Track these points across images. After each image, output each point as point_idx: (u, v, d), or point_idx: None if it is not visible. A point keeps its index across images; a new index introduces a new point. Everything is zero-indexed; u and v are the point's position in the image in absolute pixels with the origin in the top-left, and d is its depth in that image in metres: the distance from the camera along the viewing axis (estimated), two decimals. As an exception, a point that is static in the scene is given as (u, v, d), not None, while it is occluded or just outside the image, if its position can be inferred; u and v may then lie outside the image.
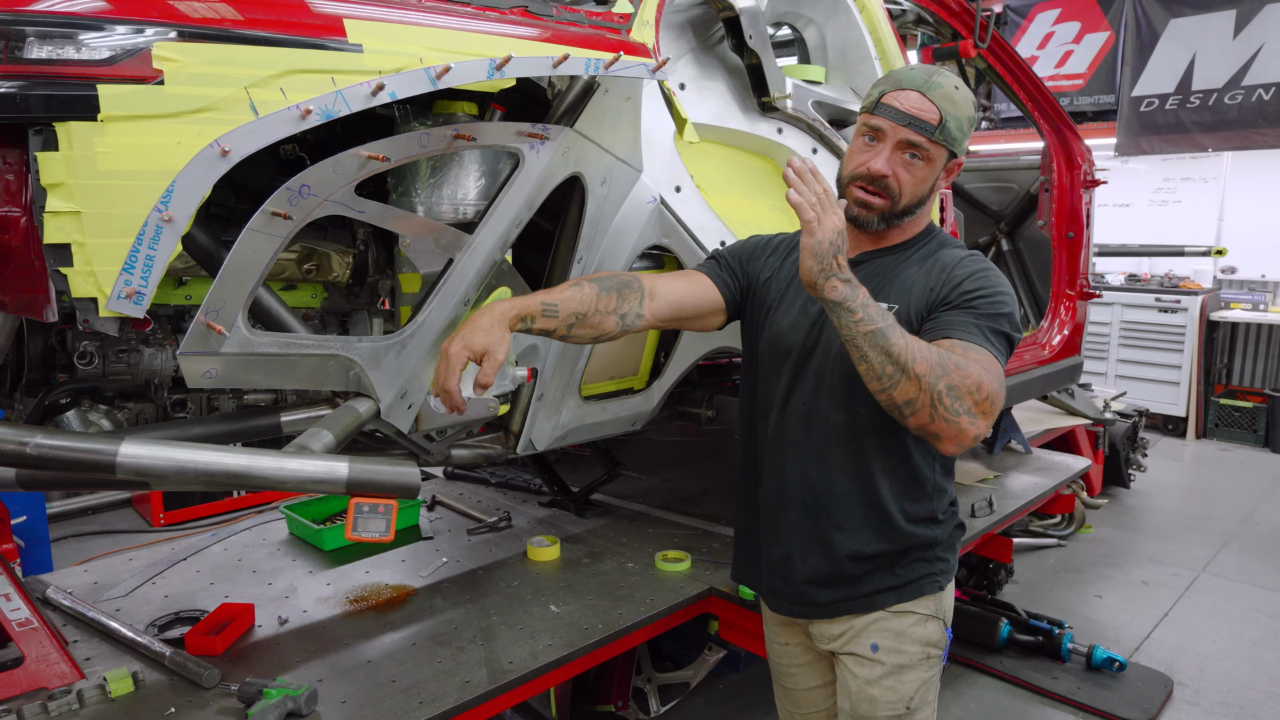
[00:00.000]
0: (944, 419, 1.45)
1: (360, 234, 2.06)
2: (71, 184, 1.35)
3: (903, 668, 1.77)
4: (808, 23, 3.10)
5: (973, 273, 1.67)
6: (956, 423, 1.45)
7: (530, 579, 2.65)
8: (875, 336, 1.45)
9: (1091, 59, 8.29)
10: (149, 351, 1.87)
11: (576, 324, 1.71)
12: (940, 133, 1.64)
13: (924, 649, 1.78)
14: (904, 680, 1.77)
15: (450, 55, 1.64)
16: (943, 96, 1.64)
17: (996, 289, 1.64)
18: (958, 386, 1.44)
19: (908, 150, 1.65)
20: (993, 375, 1.49)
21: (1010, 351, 1.61)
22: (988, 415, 1.47)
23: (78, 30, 1.35)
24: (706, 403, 3.09)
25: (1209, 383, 7.57)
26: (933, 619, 1.79)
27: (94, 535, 4.80)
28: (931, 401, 1.44)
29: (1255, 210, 7.58)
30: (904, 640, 1.77)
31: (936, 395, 1.43)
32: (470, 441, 2.36)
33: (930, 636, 1.79)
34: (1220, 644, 3.84)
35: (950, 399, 1.44)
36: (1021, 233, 4.88)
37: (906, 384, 1.44)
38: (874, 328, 1.45)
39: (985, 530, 3.27)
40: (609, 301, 1.74)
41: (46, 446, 1.46)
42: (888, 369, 1.44)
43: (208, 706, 1.93)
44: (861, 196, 1.69)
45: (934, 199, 1.79)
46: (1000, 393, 1.50)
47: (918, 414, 1.46)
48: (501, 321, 1.61)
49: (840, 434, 1.73)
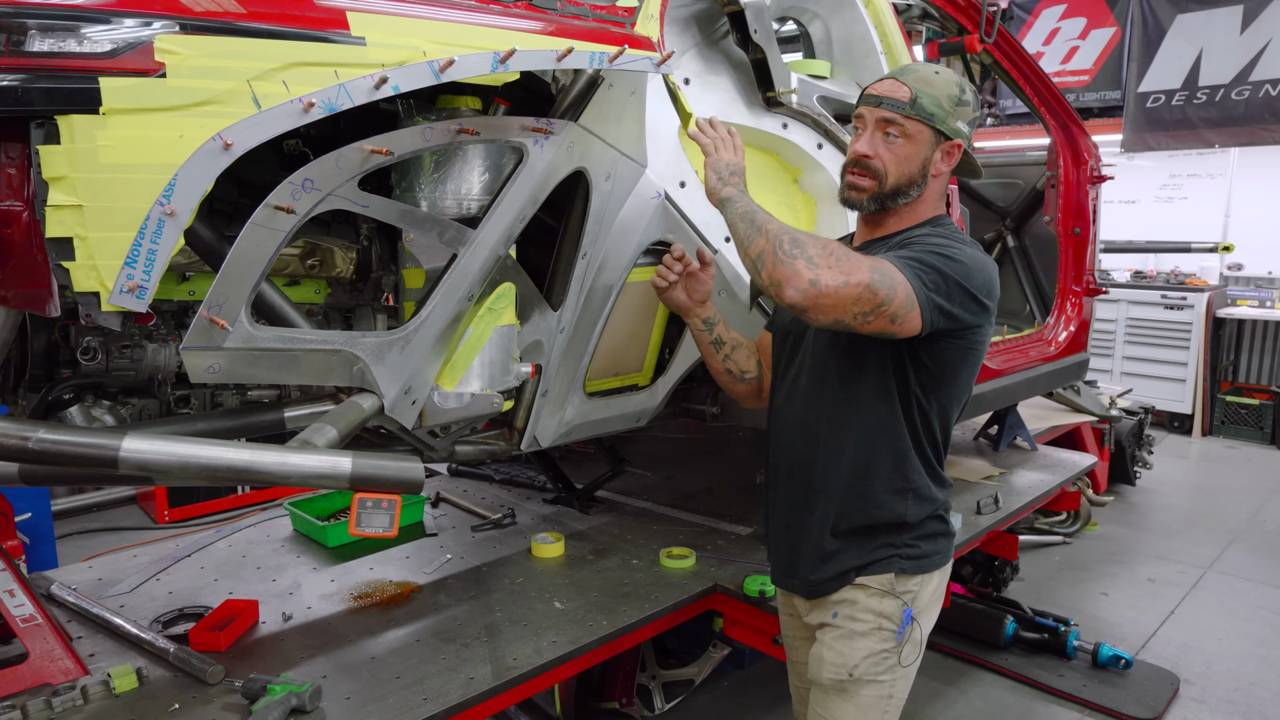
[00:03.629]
0: (782, 263, 1.58)
1: (364, 229, 2.06)
2: (73, 177, 1.34)
3: (853, 634, 1.80)
4: (813, 17, 3.08)
5: (933, 233, 1.75)
6: (792, 264, 1.57)
7: (534, 576, 2.65)
8: (747, 215, 1.69)
9: (1097, 55, 8.26)
10: (152, 347, 1.86)
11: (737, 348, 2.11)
12: (913, 107, 1.71)
13: (876, 619, 1.79)
14: (852, 646, 1.80)
15: (454, 49, 1.64)
16: (917, 79, 1.74)
17: (939, 245, 1.67)
18: (804, 242, 1.60)
19: (886, 129, 1.74)
20: (871, 264, 1.58)
21: (941, 282, 1.61)
22: (835, 270, 1.56)
23: (79, 23, 1.35)
24: (711, 399, 3.08)
25: (1215, 380, 7.54)
26: (890, 596, 1.79)
27: (99, 532, 4.81)
28: (774, 249, 1.60)
29: (1262, 206, 7.55)
30: (858, 609, 1.80)
31: (778, 243, 1.60)
32: (474, 438, 2.35)
33: (884, 609, 1.79)
34: (1227, 641, 3.82)
35: (791, 247, 1.59)
36: (1027, 229, 4.86)
37: (759, 239, 1.63)
38: (746, 209, 1.71)
39: (990, 527, 3.25)
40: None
41: (49, 441, 1.45)
42: (749, 233, 1.66)
43: (212, 703, 1.92)
44: (850, 179, 1.79)
45: (934, 186, 1.80)
46: (875, 279, 1.56)
47: (765, 264, 1.60)
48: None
49: (826, 408, 1.81)
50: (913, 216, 1.81)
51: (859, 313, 1.57)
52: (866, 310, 1.57)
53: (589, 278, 2.26)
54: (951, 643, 3.66)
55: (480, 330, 2.01)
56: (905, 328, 1.61)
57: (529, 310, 2.19)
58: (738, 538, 2.96)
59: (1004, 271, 4.94)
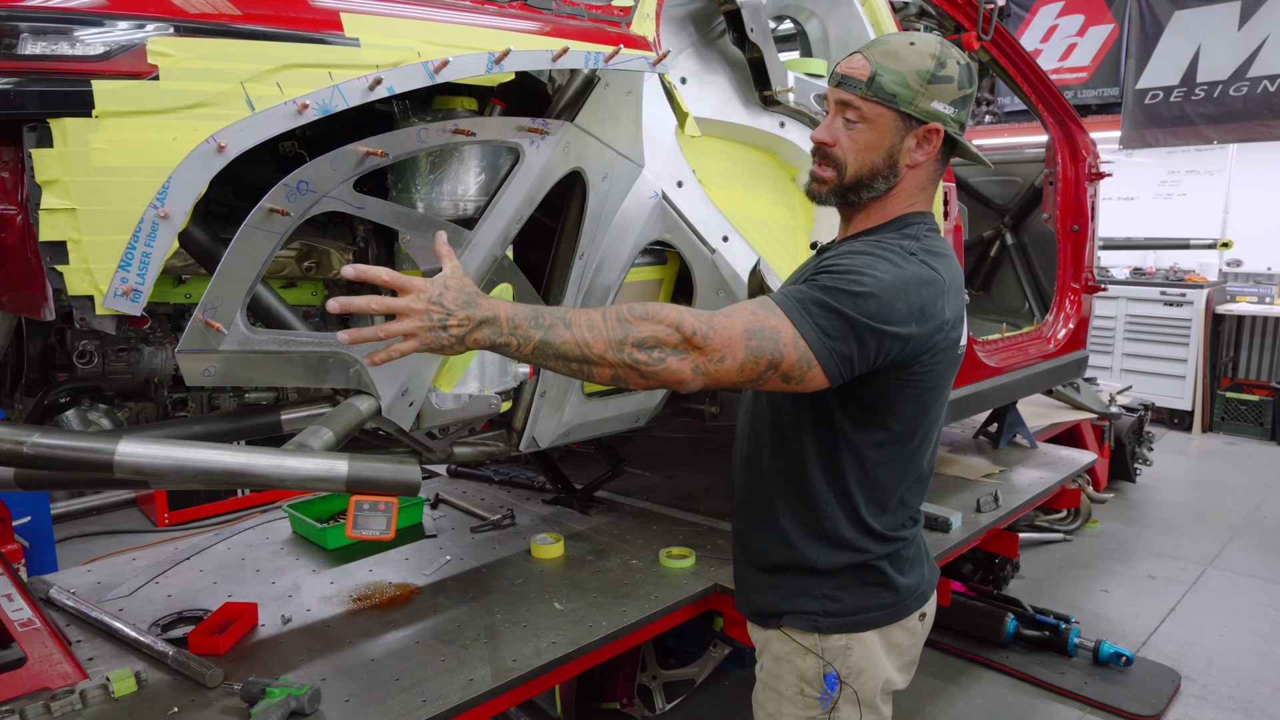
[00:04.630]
0: (652, 373, 1.37)
1: (360, 231, 2.05)
2: (66, 181, 1.34)
3: (780, 695, 1.68)
4: (810, 16, 3.08)
5: (845, 252, 1.52)
6: (665, 369, 1.36)
7: (534, 576, 2.64)
8: (542, 349, 1.35)
9: (1095, 52, 8.26)
10: (148, 350, 1.86)
11: None
12: (870, 87, 1.49)
13: (797, 683, 1.65)
14: (781, 711, 1.68)
15: (448, 49, 1.63)
16: (882, 52, 1.51)
17: (853, 268, 1.44)
18: (646, 339, 1.35)
19: (844, 113, 1.54)
20: (747, 326, 1.37)
21: (844, 328, 1.39)
22: (704, 349, 1.36)
23: (72, 25, 1.34)
24: (710, 399, 3.07)
25: (1215, 376, 7.54)
26: (811, 654, 1.64)
27: (99, 535, 4.80)
28: (629, 365, 1.36)
29: (1261, 202, 7.55)
30: (781, 665, 1.68)
31: (629, 359, 1.35)
32: (473, 439, 2.35)
33: (805, 672, 1.64)
34: (1228, 638, 3.82)
35: (643, 353, 1.35)
36: (1026, 226, 4.86)
37: (599, 368, 1.36)
38: (535, 343, 1.34)
39: (991, 525, 3.25)
40: None
41: (44, 445, 1.45)
42: (573, 367, 1.37)
43: (211, 706, 1.92)
44: (813, 170, 1.61)
45: (910, 179, 1.57)
46: (752, 346, 1.37)
47: (632, 382, 1.39)
48: None
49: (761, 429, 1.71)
50: (881, 214, 1.60)
51: (750, 379, 1.40)
52: (754, 377, 1.40)
53: (586, 278, 2.26)
54: (952, 641, 3.66)
55: (477, 331, 2.01)
56: (808, 385, 1.42)
57: (526, 311, 2.19)
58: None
59: (1003, 269, 4.94)
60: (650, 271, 2.52)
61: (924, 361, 1.50)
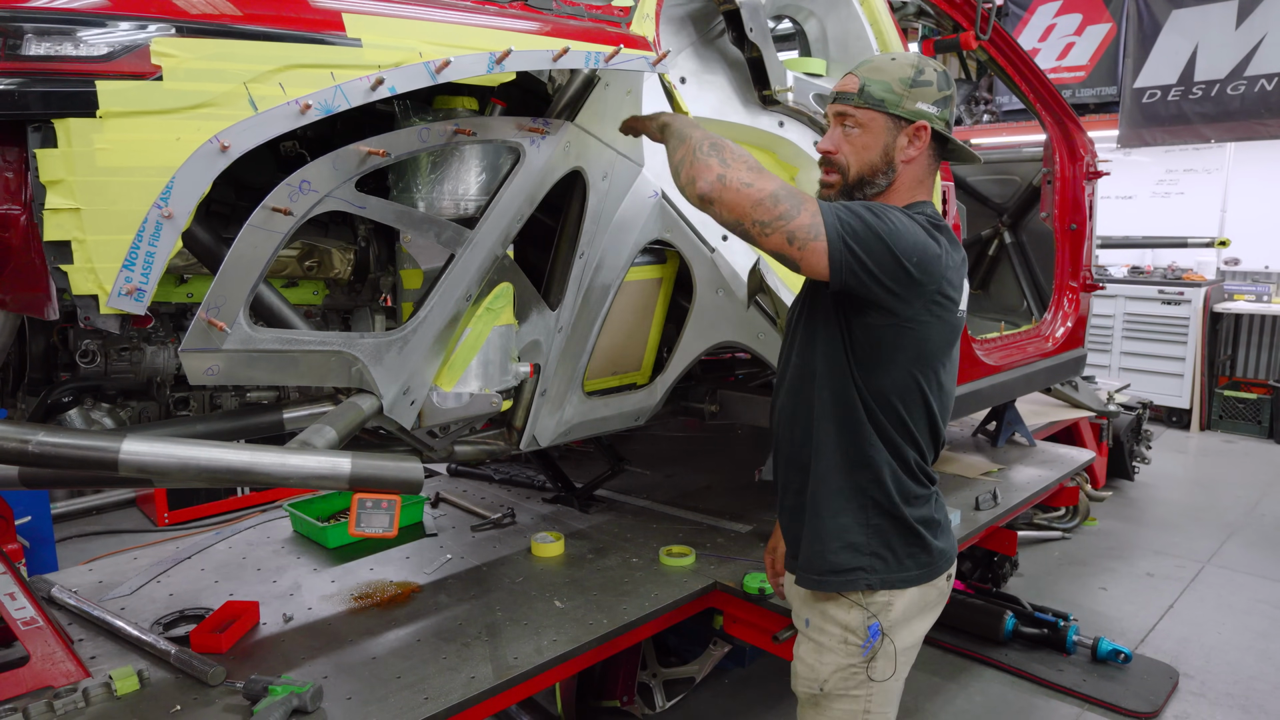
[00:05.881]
0: (698, 160, 1.65)
1: (361, 230, 2.06)
2: (71, 181, 1.35)
3: (821, 647, 1.79)
4: (808, 15, 3.09)
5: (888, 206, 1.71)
6: (706, 162, 1.64)
7: (535, 575, 2.65)
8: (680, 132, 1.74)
9: (1093, 51, 8.27)
10: (151, 349, 1.87)
11: None
12: (861, 97, 1.72)
13: (842, 632, 1.76)
14: (821, 660, 1.79)
15: (449, 49, 1.64)
16: (868, 68, 1.76)
17: (889, 209, 1.63)
18: (723, 147, 1.66)
19: (843, 123, 1.75)
20: (786, 184, 1.60)
21: (861, 229, 1.57)
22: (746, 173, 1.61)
23: (76, 26, 1.35)
24: (710, 398, 3.08)
25: (1213, 375, 7.55)
26: (857, 607, 1.75)
27: (99, 535, 4.80)
28: (693, 152, 1.67)
29: (1258, 201, 7.55)
30: (826, 619, 1.79)
31: (699, 147, 1.67)
32: (473, 438, 2.36)
33: (850, 621, 1.76)
34: (1226, 635, 3.83)
35: (709, 149, 1.66)
36: (1024, 225, 4.86)
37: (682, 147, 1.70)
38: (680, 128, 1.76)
39: (989, 523, 3.26)
40: None
41: (49, 444, 1.45)
42: (675, 145, 1.73)
43: (213, 704, 1.93)
44: (821, 178, 1.81)
45: (906, 173, 1.74)
46: (780, 192, 1.58)
47: (685, 166, 1.68)
48: None
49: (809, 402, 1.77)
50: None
51: (757, 220, 1.57)
52: (765, 219, 1.56)
53: (587, 277, 2.27)
54: (951, 638, 3.66)
55: (478, 330, 2.02)
56: (807, 257, 1.56)
57: (527, 310, 2.20)
58: (737, 535, 2.97)
59: (1001, 268, 4.95)
60: (650, 270, 2.53)
61: (918, 317, 1.65)
